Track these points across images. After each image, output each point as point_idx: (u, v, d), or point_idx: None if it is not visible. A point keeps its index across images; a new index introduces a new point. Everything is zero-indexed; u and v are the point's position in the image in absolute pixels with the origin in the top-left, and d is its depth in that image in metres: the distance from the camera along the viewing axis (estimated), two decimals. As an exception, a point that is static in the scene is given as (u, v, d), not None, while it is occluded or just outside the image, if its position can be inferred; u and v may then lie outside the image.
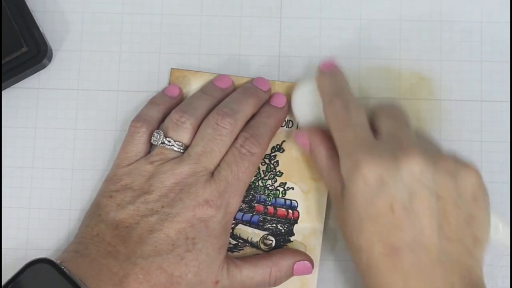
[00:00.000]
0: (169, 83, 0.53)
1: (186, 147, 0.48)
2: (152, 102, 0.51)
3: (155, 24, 0.54)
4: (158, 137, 0.48)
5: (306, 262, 0.49)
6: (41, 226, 0.52)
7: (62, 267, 0.43)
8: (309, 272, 0.49)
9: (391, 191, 0.42)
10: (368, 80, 0.53)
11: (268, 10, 0.54)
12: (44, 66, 0.53)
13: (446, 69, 0.53)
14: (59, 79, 0.54)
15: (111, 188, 0.48)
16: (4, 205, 0.52)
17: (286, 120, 0.52)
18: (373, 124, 0.46)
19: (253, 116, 0.50)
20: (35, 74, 0.53)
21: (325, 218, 0.51)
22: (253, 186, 0.51)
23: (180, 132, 0.48)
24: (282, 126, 0.52)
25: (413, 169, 0.42)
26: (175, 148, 0.48)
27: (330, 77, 0.48)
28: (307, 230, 0.50)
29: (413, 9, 0.54)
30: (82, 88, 0.54)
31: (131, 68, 0.54)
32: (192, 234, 0.45)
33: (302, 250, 0.50)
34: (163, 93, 0.52)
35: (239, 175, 0.47)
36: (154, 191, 0.46)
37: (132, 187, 0.47)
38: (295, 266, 0.48)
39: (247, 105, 0.49)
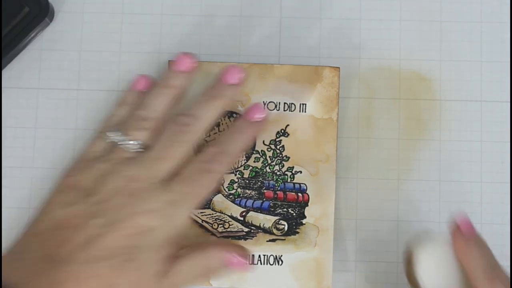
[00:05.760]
0: None
1: (143, 148, 0.46)
2: (120, 102, 0.50)
3: (155, 24, 0.54)
4: (116, 134, 0.46)
5: (236, 255, 0.46)
6: (41, 226, 0.52)
7: None
8: (243, 265, 0.46)
9: None
10: (368, 80, 0.53)
11: (268, 10, 0.54)
12: (47, 24, 0.53)
13: (446, 69, 0.53)
14: (59, 79, 0.54)
15: (62, 183, 0.46)
16: (4, 205, 0.52)
17: (288, 103, 0.52)
18: None
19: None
20: (35, 74, 0.54)
21: (335, 198, 0.51)
22: (261, 172, 0.51)
23: (138, 132, 0.46)
24: (284, 110, 0.52)
25: None
26: (132, 148, 0.46)
27: (478, 248, 0.42)
28: (318, 212, 0.51)
29: (413, 9, 0.54)
30: (82, 88, 0.54)
31: (131, 68, 0.54)
32: (135, 242, 0.43)
33: (315, 232, 0.51)
34: (131, 88, 0.50)
35: (197, 190, 0.45)
36: (102, 191, 0.44)
37: (82, 185, 0.45)
38: (228, 258, 0.46)
39: (210, 109, 0.46)
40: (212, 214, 0.51)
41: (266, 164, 0.51)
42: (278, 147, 0.51)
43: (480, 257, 0.42)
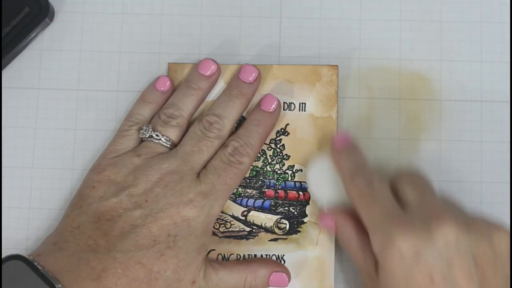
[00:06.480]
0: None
1: (173, 145, 0.49)
2: (143, 100, 0.51)
3: (155, 24, 0.54)
4: (146, 130, 0.49)
5: (283, 274, 0.49)
6: (41, 226, 0.52)
7: (35, 263, 0.43)
8: (285, 285, 0.49)
9: (429, 262, 0.41)
10: (368, 80, 0.53)
11: (268, 10, 0.54)
12: (47, 24, 0.53)
13: (446, 69, 0.53)
14: (59, 79, 0.54)
15: (94, 178, 0.48)
16: (4, 205, 0.52)
17: (288, 102, 0.52)
18: (397, 194, 0.46)
19: (244, 117, 0.51)
20: (35, 74, 0.54)
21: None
22: (261, 171, 0.51)
23: (169, 129, 0.49)
24: (284, 109, 0.52)
25: (448, 237, 0.41)
26: (163, 143, 0.49)
27: (347, 154, 0.48)
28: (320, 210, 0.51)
29: (413, 9, 0.54)
30: (82, 88, 0.54)
31: (131, 68, 0.54)
32: (174, 232, 0.46)
33: (317, 230, 0.50)
34: (153, 87, 0.52)
35: (227, 180, 0.48)
36: (139, 184, 0.47)
37: (116, 179, 0.47)
38: (271, 276, 0.49)
39: (233, 108, 0.50)
40: (214, 214, 0.51)
41: (267, 163, 0.51)
42: (278, 146, 0.52)
43: (346, 160, 0.47)
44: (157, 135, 0.49)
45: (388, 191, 0.45)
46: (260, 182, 0.51)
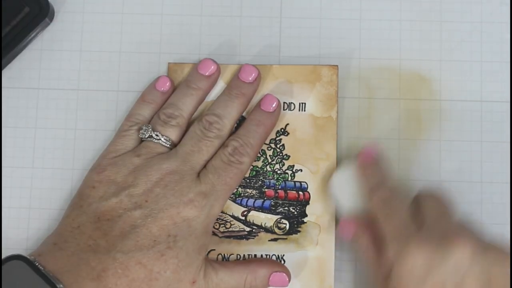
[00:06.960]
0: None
1: (173, 145, 0.49)
2: (143, 100, 0.51)
3: (155, 24, 0.54)
4: (146, 130, 0.49)
5: (283, 274, 0.49)
6: (41, 226, 0.52)
7: (36, 263, 0.43)
8: (285, 284, 0.49)
9: (441, 277, 0.41)
10: (368, 80, 0.53)
11: (268, 10, 0.54)
12: (47, 24, 0.53)
13: (446, 69, 0.53)
14: (59, 79, 0.54)
15: (94, 178, 0.48)
16: (4, 205, 0.52)
17: (288, 102, 0.52)
18: (418, 211, 0.46)
19: (245, 117, 0.51)
20: (35, 74, 0.54)
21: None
22: (261, 171, 0.51)
23: (168, 129, 0.49)
24: (284, 109, 0.52)
25: (463, 256, 0.41)
26: (162, 143, 0.49)
27: (373, 167, 0.49)
28: (320, 209, 0.51)
29: (413, 9, 0.54)
30: (82, 88, 0.54)
31: (131, 68, 0.54)
32: (174, 232, 0.46)
33: (317, 230, 0.50)
34: (154, 88, 0.52)
35: (227, 180, 0.48)
36: (139, 184, 0.47)
37: (116, 179, 0.47)
38: (271, 276, 0.49)
39: (233, 107, 0.50)
40: (213, 214, 0.51)
41: (267, 163, 0.51)
42: (278, 146, 0.52)
43: (369, 175, 0.48)
44: (156, 135, 0.49)
45: (408, 208, 0.46)
46: (260, 182, 0.51)
